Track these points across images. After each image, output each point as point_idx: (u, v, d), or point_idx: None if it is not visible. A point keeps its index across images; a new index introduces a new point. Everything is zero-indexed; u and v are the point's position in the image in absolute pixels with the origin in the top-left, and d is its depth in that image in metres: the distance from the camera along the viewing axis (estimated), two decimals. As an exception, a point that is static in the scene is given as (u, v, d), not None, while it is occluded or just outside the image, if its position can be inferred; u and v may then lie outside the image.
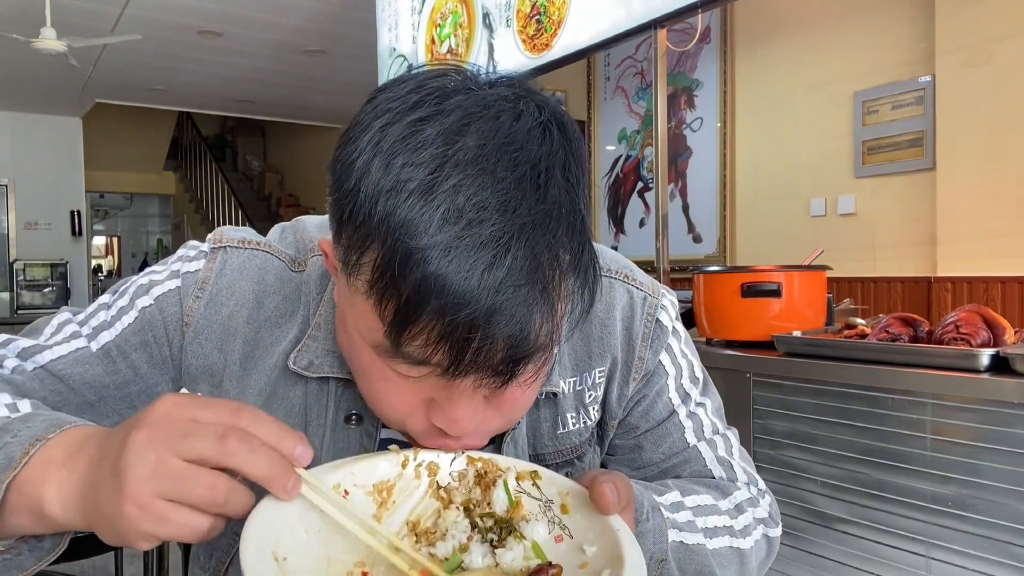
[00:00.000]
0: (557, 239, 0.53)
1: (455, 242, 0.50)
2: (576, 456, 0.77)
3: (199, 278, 0.71)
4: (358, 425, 0.70)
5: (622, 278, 0.79)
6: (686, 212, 4.70)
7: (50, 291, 9.02)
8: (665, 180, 2.86)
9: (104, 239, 14.94)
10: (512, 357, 0.52)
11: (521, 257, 0.51)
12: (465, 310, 0.50)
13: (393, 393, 0.58)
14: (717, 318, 2.25)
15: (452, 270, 0.49)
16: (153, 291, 0.72)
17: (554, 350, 0.57)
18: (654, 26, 2.81)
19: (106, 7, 5.37)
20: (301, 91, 7.81)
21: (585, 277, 0.56)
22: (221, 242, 0.73)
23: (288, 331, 0.71)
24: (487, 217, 0.50)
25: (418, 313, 0.50)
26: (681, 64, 4.63)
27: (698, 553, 0.71)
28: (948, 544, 1.66)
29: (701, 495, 0.75)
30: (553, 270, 0.53)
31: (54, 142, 9.04)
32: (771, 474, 1.99)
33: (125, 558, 1.04)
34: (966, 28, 3.20)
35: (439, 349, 0.51)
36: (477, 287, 0.49)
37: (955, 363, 1.68)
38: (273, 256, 0.74)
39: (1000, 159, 3.10)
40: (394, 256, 0.50)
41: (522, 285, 0.51)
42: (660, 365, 0.79)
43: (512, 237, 0.50)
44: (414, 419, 0.60)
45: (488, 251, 0.50)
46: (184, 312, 0.71)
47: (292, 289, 0.73)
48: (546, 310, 0.53)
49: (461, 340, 0.51)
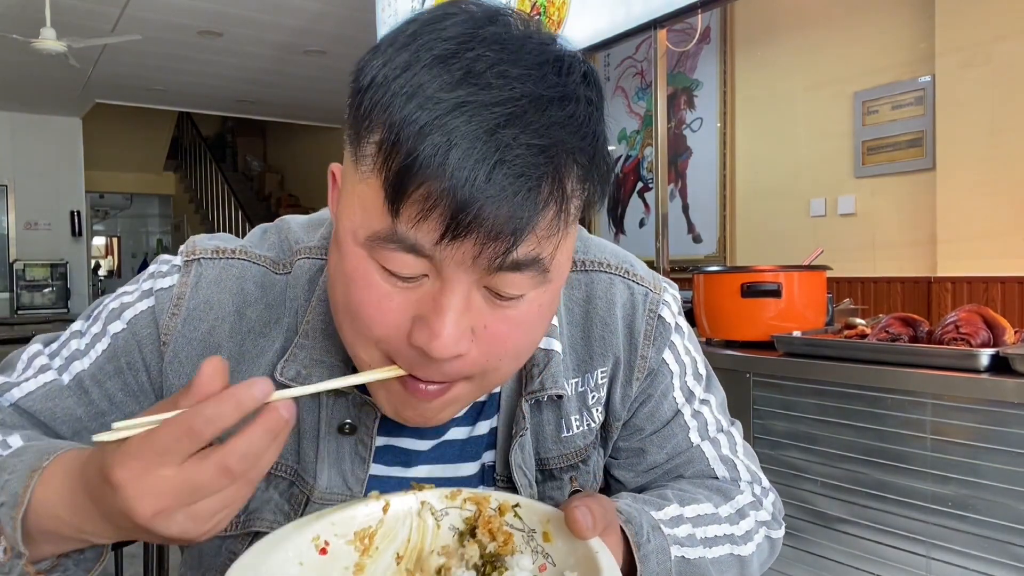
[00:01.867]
0: (574, 119, 0.51)
1: (469, 98, 0.48)
2: (580, 460, 0.75)
3: (174, 294, 0.67)
4: (352, 435, 0.67)
5: (622, 274, 0.76)
6: (686, 212, 4.70)
7: (50, 291, 9.03)
8: (665, 180, 2.86)
9: (104, 239, 14.95)
10: (512, 227, 0.49)
11: (535, 124, 0.49)
12: (469, 163, 0.48)
13: (376, 304, 0.54)
14: (717, 318, 2.25)
15: (461, 123, 0.48)
16: (125, 315, 0.68)
17: (550, 264, 0.54)
18: (654, 26, 2.82)
19: (106, 7, 5.37)
20: (301, 91, 7.81)
21: (595, 176, 0.54)
22: (194, 254, 0.69)
23: (273, 340, 0.68)
24: (505, 84, 0.49)
25: (421, 166, 0.48)
26: (681, 64, 4.63)
27: (698, 565, 0.70)
28: (948, 544, 1.66)
29: (701, 503, 0.74)
30: (564, 151, 0.51)
31: (54, 142, 9.05)
32: (771, 474, 1.98)
33: (125, 558, 1.03)
34: (966, 28, 3.20)
35: (438, 205, 0.48)
36: (484, 145, 0.48)
37: (955, 363, 1.68)
38: (251, 263, 0.70)
39: (1000, 159, 3.10)
40: (406, 116, 0.49)
41: (532, 151, 0.49)
42: (664, 363, 0.77)
43: (530, 103, 0.49)
44: (394, 341, 0.55)
45: (503, 110, 0.48)
46: (160, 331, 0.67)
47: (276, 295, 0.69)
48: (552, 187, 0.50)
49: (462, 197, 0.48)
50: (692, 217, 4.67)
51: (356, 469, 0.68)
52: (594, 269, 0.76)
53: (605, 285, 0.75)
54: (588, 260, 0.76)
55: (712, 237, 4.54)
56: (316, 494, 0.67)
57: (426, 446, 0.71)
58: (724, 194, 4.43)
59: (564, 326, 0.74)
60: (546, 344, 0.70)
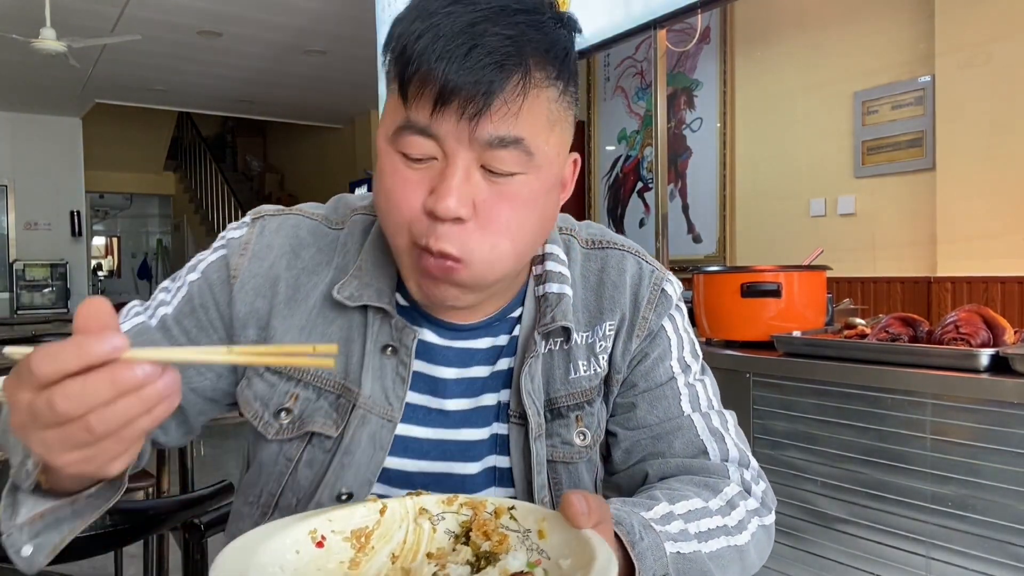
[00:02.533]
0: (540, 24, 0.67)
1: (455, 8, 0.64)
2: (586, 400, 0.82)
3: (242, 241, 0.81)
4: (393, 356, 0.78)
5: (634, 252, 0.88)
6: (686, 212, 4.70)
7: (50, 291, 9.03)
8: (665, 180, 2.86)
9: (104, 239, 14.95)
10: (483, 89, 0.63)
11: (504, 22, 0.65)
12: (451, 48, 0.63)
13: (402, 186, 0.68)
14: (717, 318, 2.25)
15: (447, 23, 0.64)
16: (199, 267, 0.81)
17: (532, 147, 0.67)
18: (654, 26, 2.82)
19: (106, 7, 5.37)
20: (301, 91, 7.81)
21: (560, 69, 0.68)
22: (259, 213, 0.84)
23: (324, 276, 0.80)
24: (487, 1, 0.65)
25: (416, 57, 0.64)
26: (681, 64, 4.63)
27: (695, 560, 0.71)
28: (948, 544, 1.66)
29: (690, 499, 0.75)
30: (527, 41, 0.65)
31: (54, 142, 9.04)
32: (771, 474, 1.98)
33: (125, 558, 1.03)
34: (966, 28, 3.20)
35: (430, 82, 0.63)
36: (462, 34, 0.63)
37: (955, 363, 1.68)
38: (305, 218, 0.83)
39: (1000, 159, 3.10)
40: (409, 28, 0.65)
41: (500, 39, 0.64)
42: (663, 329, 0.86)
43: (502, 9, 0.65)
44: (415, 216, 0.68)
45: (481, 14, 0.64)
46: (231, 270, 0.79)
47: (327, 243, 0.82)
48: (515, 62, 0.64)
49: (445, 74, 0.63)
50: (692, 217, 4.67)
51: (396, 388, 0.78)
52: (610, 247, 0.87)
53: (618, 258, 0.86)
54: (606, 240, 0.88)
55: (712, 237, 4.54)
56: (360, 400, 0.77)
57: (455, 374, 0.81)
58: (724, 194, 4.44)
59: (579, 288, 0.84)
60: (559, 289, 0.82)
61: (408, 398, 0.79)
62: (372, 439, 0.77)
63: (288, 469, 0.78)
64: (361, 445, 0.77)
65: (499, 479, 0.82)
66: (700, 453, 0.82)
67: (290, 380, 0.78)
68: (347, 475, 0.77)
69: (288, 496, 0.78)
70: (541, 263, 0.83)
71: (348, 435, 0.76)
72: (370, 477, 0.77)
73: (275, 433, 0.77)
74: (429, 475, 0.80)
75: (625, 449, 0.85)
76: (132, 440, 0.49)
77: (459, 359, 0.81)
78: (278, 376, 0.78)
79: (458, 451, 0.81)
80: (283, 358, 0.57)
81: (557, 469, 0.82)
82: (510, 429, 0.81)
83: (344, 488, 0.77)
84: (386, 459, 0.78)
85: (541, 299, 0.81)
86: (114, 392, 0.46)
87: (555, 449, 0.82)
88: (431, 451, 0.80)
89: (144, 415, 0.47)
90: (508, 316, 0.82)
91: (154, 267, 14.00)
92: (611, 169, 5.31)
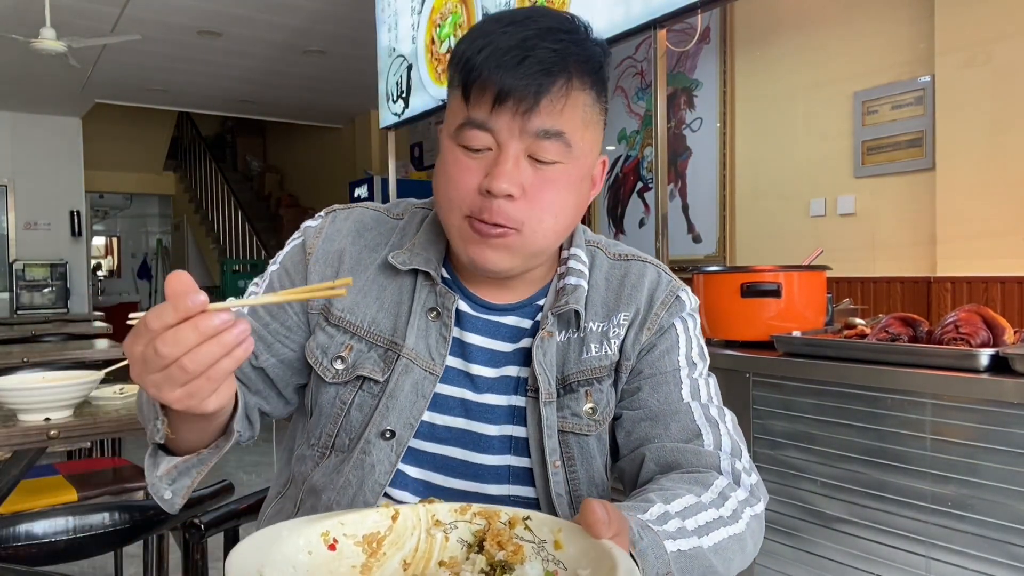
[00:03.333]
0: (580, 42, 0.81)
1: (510, 28, 0.79)
2: (596, 378, 0.92)
3: (318, 228, 0.96)
4: (436, 319, 0.90)
5: (656, 265, 0.98)
6: (686, 212, 4.70)
7: (50, 291, 9.02)
8: (665, 180, 2.86)
9: (104, 239, 14.93)
10: (532, 91, 0.77)
11: (552, 38, 0.79)
12: (506, 59, 0.77)
13: (462, 172, 0.82)
14: (717, 318, 2.25)
15: (503, 39, 0.78)
16: (279, 258, 0.97)
17: (572, 140, 0.81)
18: (654, 26, 2.81)
19: (106, 7, 5.37)
20: (301, 91, 7.81)
21: (595, 79, 0.83)
22: (333, 209, 0.99)
23: (382, 252, 0.94)
24: (535, 22, 0.80)
25: (478, 66, 0.78)
26: (681, 64, 4.63)
27: (696, 556, 0.72)
28: (948, 544, 1.66)
29: (683, 496, 0.77)
30: (570, 55, 0.80)
31: (54, 142, 9.03)
32: (771, 474, 1.99)
33: (125, 558, 1.04)
34: (966, 28, 3.20)
35: (489, 86, 0.78)
36: (517, 47, 0.78)
37: (955, 363, 1.68)
38: (369, 210, 0.99)
39: (1000, 159, 3.10)
40: (472, 44, 0.80)
41: (548, 52, 0.78)
42: (673, 327, 0.95)
43: (550, 29, 0.80)
44: (470, 196, 0.81)
45: (532, 32, 0.78)
46: (307, 249, 0.94)
47: (387, 228, 0.96)
48: (560, 70, 0.78)
49: (501, 79, 0.77)
50: (692, 217, 4.67)
51: (439, 346, 0.90)
52: (634, 259, 0.98)
53: (640, 267, 0.97)
54: (632, 255, 0.99)
55: (712, 237, 4.54)
56: (405, 351, 0.89)
57: (481, 342, 0.92)
58: (724, 194, 4.43)
59: (600, 288, 0.95)
60: (576, 282, 0.93)
61: (448, 361, 0.90)
62: (415, 387, 0.88)
63: (343, 412, 0.90)
64: (404, 390, 0.88)
65: (515, 448, 0.91)
66: (694, 438, 0.87)
67: (346, 333, 0.91)
68: (391, 416, 0.88)
69: (342, 437, 0.90)
70: (565, 263, 0.95)
71: (393, 380, 0.88)
72: (412, 421, 0.88)
73: (332, 377, 0.90)
74: (454, 431, 0.91)
75: (627, 431, 0.92)
76: (220, 379, 0.60)
77: (487, 329, 0.93)
78: (337, 329, 0.91)
79: (480, 412, 0.91)
80: (310, 293, 0.67)
81: (568, 441, 0.91)
82: (527, 402, 0.91)
83: (388, 427, 0.88)
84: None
85: (560, 290, 0.93)
86: (199, 337, 0.57)
87: (565, 420, 0.91)
88: (456, 408, 0.91)
89: (225, 357, 0.58)
90: (534, 303, 0.94)
91: (154, 267, 13.99)
92: (611, 169, 5.31)
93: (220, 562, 1.30)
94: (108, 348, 3.46)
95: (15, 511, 2.01)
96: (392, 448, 0.87)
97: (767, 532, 0.90)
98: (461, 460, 0.90)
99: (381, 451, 0.87)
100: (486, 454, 0.90)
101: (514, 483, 0.91)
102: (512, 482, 0.91)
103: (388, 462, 0.87)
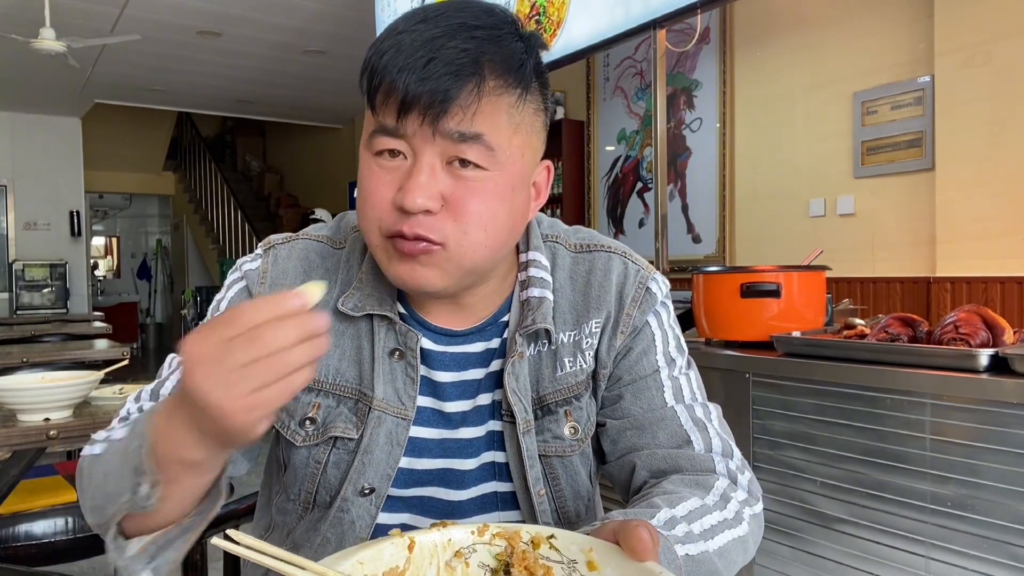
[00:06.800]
0: (497, 39, 0.73)
1: (418, 27, 0.72)
2: (574, 396, 0.87)
3: (260, 271, 0.89)
4: (400, 359, 0.84)
5: (620, 253, 0.92)
6: (685, 212, 4.70)
7: (49, 292, 9.02)
8: (664, 180, 2.86)
9: (103, 239, 14.93)
10: (440, 97, 0.70)
11: (462, 37, 0.71)
12: (411, 61, 0.70)
13: (377, 185, 0.75)
14: (716, 318, 2.25)
15: (409, 39, 0.72)
16: (221, 304, 0.89)
17: (494, 143, 0.73)
18: (653, 26, 2.81)
19: (106, 7, 5.37)
20: (301, 91, 7.81)
21: (519, 80, 0.74)
22: (270, 243, 0.91)
23: (332, 293, 0.86)
24: (446, 19, 0.73)
25: (381, 70, 0.72)
26: (680, 64, 4.63)
27: (703, 561, 0.72)
28: (948, 544, 1.66)
29: (688, 500, 0.76)
30: (483, 53, 0.72)
31: (53, 142, 9.03)
32: (770, 474, 1.99)
33: (125, 558, 1.03)
34: (965, 28, 3.20)
35: (394, 92, 0.71)
36: (422, 48, 0.71)
37: (954, 363, 1.68)
38: (312, 241, 0.91)
39: (1000, 159, 3.11)
40: (378, 47, 0.73)
41: (456, 52, 0.71)
42: (647, 325, 0.89)
43: (460, 26, 0.72)
44: (386, 211, 0.74)
45: (440, 31, 0.71)
46: (253, 296, 0.87)
47: (333, 262, 0.89)
48: (470, 71, 0.71)
49: (406, 84, 0.70)
50: (691, 217, 4.67)
51: (408, 389, 0.84)
52: (597, 250, 0.92)
53: (604, 260, 0.91)
54: (594, 244, 0.92)
55: (711, 237, 4.55)
56: (375, 403, 0.83)
57: (452, 378, 0.87)
58: (724, 194, 4.43)
59: (566, 290, 0.89)
60: (540, 294, 0.87)
61: (419, 401, 0.85)
62: (389, 437, 0.84)
63: (319, 471, 0.85)
64: (379, 443, 0.83)
65: (497, 474, 0.87)
66: (684, 443, 0.85)
67: (311, 391, 0.85)
68: (368, 472, 0.83)
69: (322, 494, 0.86)
70: (525, 269, 0.88)
71: (367, 436, 0.83)
72: (389, 472, 0.84)
73: (303, 440, 0.85)
74: (432, 472, 0.86)
75: (612, 439, 0.88)
76: (289, 393, 0.56)
77: (455, 363, 0.87)
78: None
79: (457, 448, 0.86)
80: None
81: (552, 463, 0.87)
82: (504, 427, 0.86)
83: (366, 484, 0.83)
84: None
85: (524, 303, 0.87)
86: (296, 333, 0.55)
87: (547, 444, 0.86)
88: (434, 449, 0.86)
89: (308, 366, 0.56)
90: (499, 320, 0.88)
91: (153, 267, 13.98)
92: (611, 169, 5.30)
93: (220, 562, 1.30)
94: (108, 348, 3.46)
95: (15, 511, 2.00)
96: (371, 503, 0.84)
97: (766, 532, 0.90)
98: (440, 499, 0.87)
99: (360, 507, 0.84)
100: (464, 489, 0.86)
101: (502, 508, 0.88)
102: (500, 508, 0.88)
103: (368, 516, 0.84)
